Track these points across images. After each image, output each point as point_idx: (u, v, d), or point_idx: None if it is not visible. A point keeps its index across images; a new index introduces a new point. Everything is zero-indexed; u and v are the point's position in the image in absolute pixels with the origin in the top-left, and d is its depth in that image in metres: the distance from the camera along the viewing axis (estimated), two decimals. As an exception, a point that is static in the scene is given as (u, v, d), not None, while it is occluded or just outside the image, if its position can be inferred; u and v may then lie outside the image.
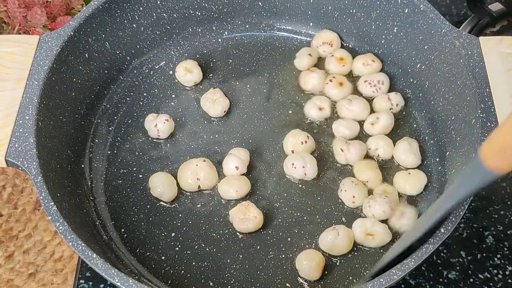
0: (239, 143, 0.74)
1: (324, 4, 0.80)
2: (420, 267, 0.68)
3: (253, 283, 0.65)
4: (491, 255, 0.70)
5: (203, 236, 0.68)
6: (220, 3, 0.81)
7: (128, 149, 0.74)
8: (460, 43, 0.68)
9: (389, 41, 0.78)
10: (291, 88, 0.79)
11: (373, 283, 0.54)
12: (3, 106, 0.64)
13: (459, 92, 0.68)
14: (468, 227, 0.72)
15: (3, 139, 0.62)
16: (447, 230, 0.57)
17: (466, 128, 0.66)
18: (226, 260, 0.66)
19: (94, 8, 0.71)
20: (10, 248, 1.30)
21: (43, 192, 0.59)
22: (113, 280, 0.55)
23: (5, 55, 0.67)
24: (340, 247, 0.65)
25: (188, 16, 0.81)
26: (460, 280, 0.68)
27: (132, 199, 0.70)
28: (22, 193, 1.37)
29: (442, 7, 0.92)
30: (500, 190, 0.74)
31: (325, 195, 0.70)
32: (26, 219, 1.34)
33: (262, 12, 0.82)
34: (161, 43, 0.81)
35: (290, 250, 0.67)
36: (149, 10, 0.77)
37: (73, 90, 0.71)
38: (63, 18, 0.96)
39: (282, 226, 0.68)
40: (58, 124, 0.68)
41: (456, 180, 0.55)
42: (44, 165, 0.61)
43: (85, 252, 0.56)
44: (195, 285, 0.65)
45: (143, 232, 0.68)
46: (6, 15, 0.97)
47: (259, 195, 0.71)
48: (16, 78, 0.66)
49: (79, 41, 0.71)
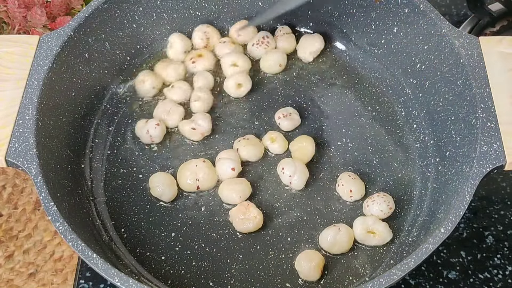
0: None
1: (324, 4, 0.80)
2: (420, 267, 0.68)
3: (253, 283, 0.65)
4: (491, 255, 0.70)
5: (203, 236, 0.68)
6: (220, 3, 0.81)
7: (128, 149, 0.74)
8: (460, 43, 0.68)
9: (389, 41, 0.77)
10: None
11: (373, 283, 0.54)
12: (3, 106, 0.64)
13: (459, 92, 0.68)
14: (468, 227, 0.72)
15: (3, 139, 0.62)
16: (447, 230, 0.57)
17: (466, 128, 0.66)
18: (226, 260, 0.66)
19: (94, 8, 0.71)
20: (10, 248, 1.31)
21: (43, 192, 0.59)
22: (113, 280, 0.55)
23: (5, 55, 0.67)
24: (340, 244, 0.65)
25: (188, 16, 0.81)
26: (460, 280, 0.68)
27: (132, 199, 0.70)
28: (22, 193, 1.37)
29: (442, 7, 0.92)
30: (500, 190, 0.75)
31: (324, 194, 0.70)
32: (26, 219, 1.34)
33: (263, 11, 0.82)
34: (161, 43, 0.81)
35: (290, 250, 0.67)
36: (149, 10, 0.77)
37: (73, 90, 0.71)
38: (63, 18, 0.96)
39: (282, 226, 0.68)
40: (58, 124, 0.68)
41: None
42: (44, 165, 0.61)
43: (85, 252, 0.56)
44: (195, 285, 0.65)
45: (143, 232, 0.68)
46: (6, 15, 0.97)
47: (259, 195, 0.71)
48: (16, 78, 0.66)
49: (79, 41, 0.71)
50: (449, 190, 0.65)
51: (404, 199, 0.70)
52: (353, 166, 0.73)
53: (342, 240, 0.65)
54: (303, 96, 0.78)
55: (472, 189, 0.59)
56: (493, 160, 0.61)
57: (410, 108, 0.77)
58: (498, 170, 0.61)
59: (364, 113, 0.77)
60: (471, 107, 0.65)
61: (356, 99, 0.78)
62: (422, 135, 0.75)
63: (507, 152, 0.61)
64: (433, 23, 0.70)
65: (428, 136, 0.74)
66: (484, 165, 0.61)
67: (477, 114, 0.64)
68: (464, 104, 0.67)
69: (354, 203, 0.70)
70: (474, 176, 0.60)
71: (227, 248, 0.67)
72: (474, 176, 0.60)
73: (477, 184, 0.60)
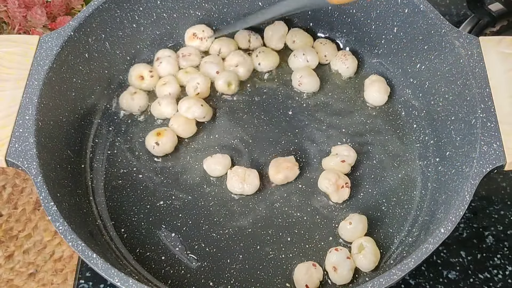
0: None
1: (324, 4, 0.80)
2: (420, 267, 0.68)
3: (253, 283, 0.65)
4: (491, 255, 0.70)
5: (203, 236, 0.68)
6: (220, 3, 0.81)
7: (128, 149, 0.74)
8: (460, 43, 0.68)
9: (389, 41, 0.78)
10: (290, 87, 0.79)
11: (373, 283, 0.54)
12: (3, 106, 0.64)
13: (459, 92, 0.68)
14: (468, 227, 0.72)
15: (3, 139, 0.62)
16: (447, 230, 0.57)
17: (466, 128, 0.66)
18: (226, 260, 0.66)
19: (94, 8, 0.71)
20: (10, 248, 1.31)
21: (43, 192, 0.59)
22: (113, 280, 0.55)
23: (5, 55, 0.67)
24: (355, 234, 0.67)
25: (188, 16, 0.81)
26: (460, 280, 0.68)
27: (132, 199, 0.70)
28: (22, 193, 1.37)
29: (442, 7, 0.92)
30: (500, 190, 0.75)
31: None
32: (26, 219, 1.34)
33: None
34: (161, 43, 0.81)
35: (290, 250, 0.67)
36: (149, 10, 0.77)
37: (73, 90, 0.71)
38: (63, 18, 0.96)
39: (282, 226, 0.68)
40: (58, 124, 0.68)
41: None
42: (44, 165, 0.61)
43: (85, 252, 0.56)
44: (195, 285, 0.65)
45: (143, 232, 0.68)
46: (6, 15, 0.97)
47: (259, 195, 0.71)
48: (16, 78, 0.66)
49: (79, 41, 0.71)
50: (449, 190, 0.65)
51: (404, 199, 0.70)
52: (353, 166, 0.73)
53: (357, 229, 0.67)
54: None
55: (472, 189, 0.59)
56: (493, 160, 0.61)
57: (410, 108, 0.77)
58: (498, 170, 0.61)
59: (364, 113, 0.77)
60: (471, 107, 0.65)
61: (356, 99, 0.78)
62: (422, 135, 0.75)
63: (507, 152, 0.61)
64: (433, 23, 0.70)
65: (428, 136, 0.74)
66: (484, 165, 0.61)
67: (477, 114, 0.64)
68: (464, 104, 0.67)
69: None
70: (474, 176, 0.60)
71: (227, 248, 0.67)
72: (474, 176, 0.60)
73: (477, 184, 0.60)
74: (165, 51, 0.80)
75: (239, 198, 0.70)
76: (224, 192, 0.71)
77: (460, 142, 0.67)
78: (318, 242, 0.68)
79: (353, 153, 0.71)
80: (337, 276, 0.64)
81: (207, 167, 0.72)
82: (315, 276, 0.64)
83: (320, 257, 0.66)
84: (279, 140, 0.74)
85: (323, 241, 0.68)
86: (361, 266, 0.65)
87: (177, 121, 0.74)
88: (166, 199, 0.70)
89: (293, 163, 0.71)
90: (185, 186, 0.71)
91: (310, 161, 0.73)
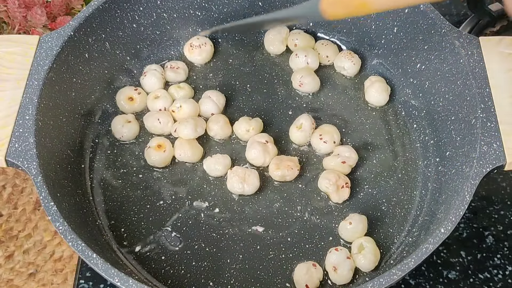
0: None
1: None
2: (420, 267, 0.68)
3: (253, 283, 0.65)
4: (491, 255, 0.70)
5: (203, 236, 0.68)
6: (220, 3, 0.81)
7: (128, 149, 0.74)
8: (460, 43, 0.68)
9: (389, 41, 0.77)
10: (291, 88, 0.79)
11: (373, 283, 0.54)
12: (3, 106, 0.64)
13: (459, 92, 0.68)
14: (468, 227, 0.72)
15: (3, 139, 0.62)
16: (447, 230, 0.57)
17: (466, 128, 0.66)
18: (226, 260, 0.66)
19: (94, 8, 0.71)
20: (10, 248, 1.30)
21: (43, 192, 0.59)
22: (113, 280, 0.55)
23: (5, 55, 0.67)
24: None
25: (188, 16, 0.81)
26: (460, 280, 0.68)
27: (132, 199, 0.70)
28: (22, 193, 1.37)
29: (442, 7, 0.92)
30: (500, 190, 0.75)
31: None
32: (26, 219, 1.34)
33: (262, 12, 0.82)
34: (161, 43, 0.81)
35: (290, 250, 0.67)
36: (149, 10, 0.77)
37: (73, 90, 0.71)
38: (63, 18, 0.96)
39: (282, 226, 0.68)
40: (58, 124, 0.68)
41: (293, 8, 0.69)
42: (44, 165, 0.61)
43: (85, 252, 0.56)
44: (195, 285, 0.65)
45: (143, 232, 0.68)
46: (6, 15, 0.97)
47: (259, 195, 0.71)
48: (16, 78, 0.66)
49: (79, 41, 0.71)
50: (449, 190, 0.65)
51: (404, 199, 0.70)
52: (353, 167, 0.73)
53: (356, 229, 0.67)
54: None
55: (472, 189, 0.59)
56: (493, 160, 0.61)
57: (410, 108, 0.77)
58: (498, 170, 0.61)
59: (364, 113, 0.77)
60: (471, 107, 0.65)
61: (356, 99, 0.78)
62: (422, 135, 0.75)
63: (507, 152, 0.61)
64: (433, 23, 0.70)
65: (428, 136, 0.74)
66: (484, 165, 0.61)
67: (477, 114, 0.64)
68: (464, 104, 0.67)
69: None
70: (474, 176, 0.60)
71: (227, 248, 0.67)
72: (474, 176, 0.60)
73: (477, 184, 0.60)
74: (152, 66, 0.79)
75: (239, 198, 0.70)
76: (224, 192, 0.71)
77: (460, 142, 0.67)
78: (318, 242, 0.68)
79: (354, 155, 0.71)
80: (337, 276, 0.64)
81: (207, 167, 0.72)
82: (315, 276, 0.64)
83: (320, 257, 0.67)
84: (279, 140, 0.74)
85: (323, 241, 0.68)
86: (361, 266, 0.65)
87: (182, 148, 0.72)
88: (166, 199, 0.70)
89: (294, 163, 0.71)
90: (185, 186, 0.71)
91: (310, 161, 0.73)
